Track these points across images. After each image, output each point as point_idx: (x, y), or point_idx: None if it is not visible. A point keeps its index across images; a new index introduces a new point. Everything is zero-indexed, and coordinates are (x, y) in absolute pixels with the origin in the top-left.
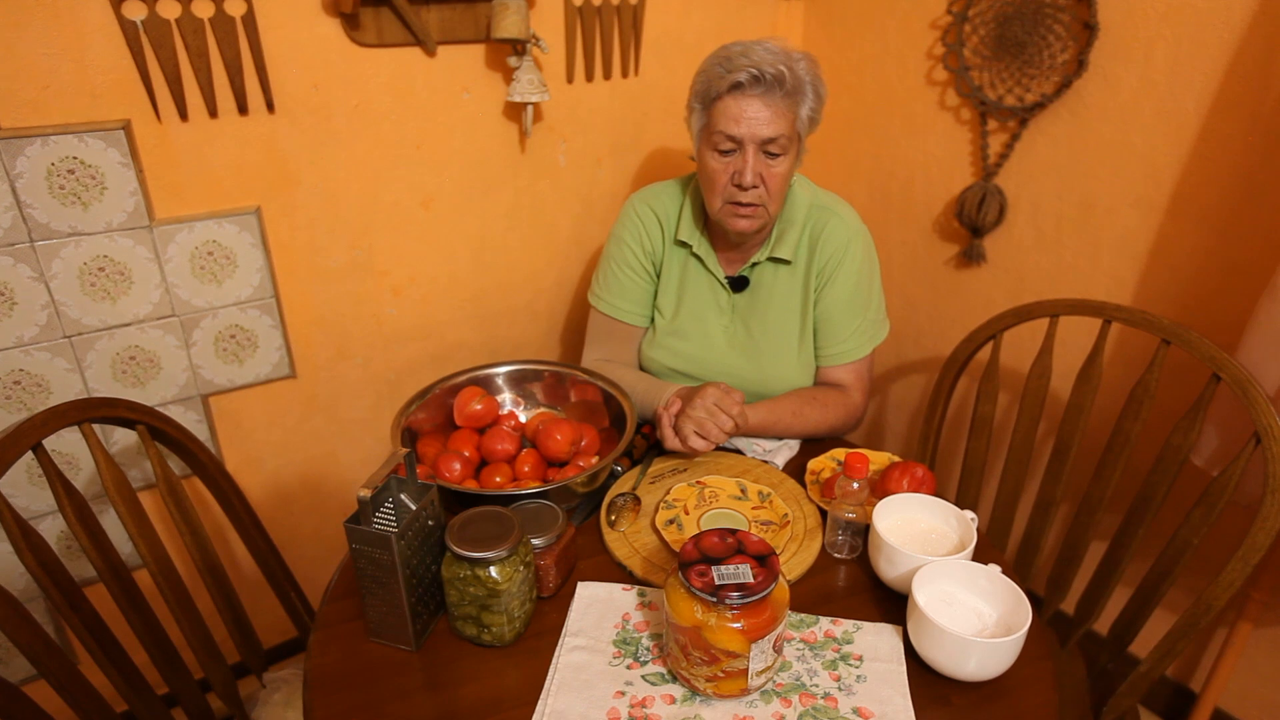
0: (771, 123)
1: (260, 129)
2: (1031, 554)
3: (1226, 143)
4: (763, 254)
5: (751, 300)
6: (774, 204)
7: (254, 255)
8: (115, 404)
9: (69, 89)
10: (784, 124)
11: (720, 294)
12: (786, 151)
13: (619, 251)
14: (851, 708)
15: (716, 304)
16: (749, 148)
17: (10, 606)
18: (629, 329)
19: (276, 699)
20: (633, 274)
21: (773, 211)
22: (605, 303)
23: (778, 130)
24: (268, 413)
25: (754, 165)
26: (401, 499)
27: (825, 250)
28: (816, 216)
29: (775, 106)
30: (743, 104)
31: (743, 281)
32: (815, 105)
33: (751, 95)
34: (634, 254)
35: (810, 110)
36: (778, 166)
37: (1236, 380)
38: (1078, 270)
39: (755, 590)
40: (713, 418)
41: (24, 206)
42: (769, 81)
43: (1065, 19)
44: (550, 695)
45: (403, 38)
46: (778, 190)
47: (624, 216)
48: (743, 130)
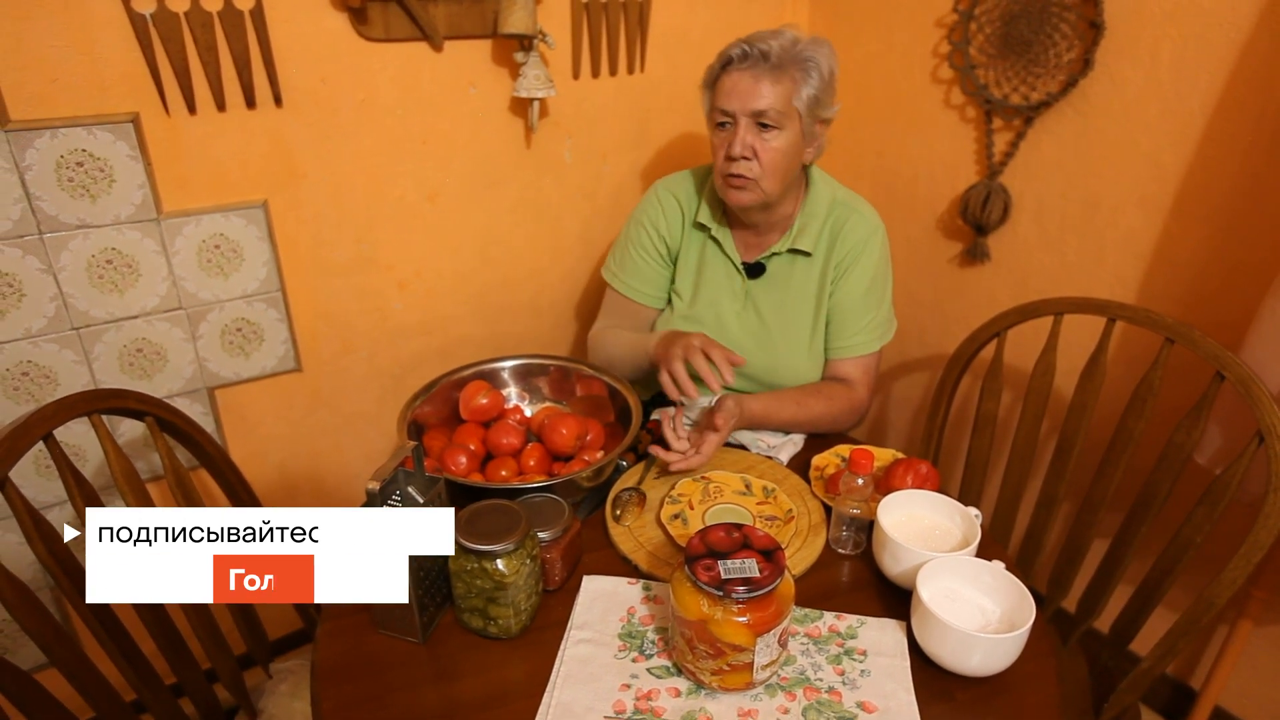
0: (761, 95)
1: (267, 122)
2: (1034, 552)
3: (1231, 143)
4: (784, 244)
5: (767, 288)
6: (769, 180)
7: (260, 249)
8: (125, 395)
9: (78, 82)
10: (775, 98)
11: (736, 279)
12: (782, 126)
13: (637, 234)
14: (855, 702)
15: (731, 289)
16: (741, 120)
17: (21, 594)
18: (639, 308)
19: (283, 690)
20: (647, 257)
21: (768, 189)
22: (620, 281)
23: (767, 103)
24: (273, 406)
25: (744, 137)
26: (409, 491)
27: (845, 244)
28: (838, 212)
29: (764, 80)
30: (734, 78)
31: (759, 268)
32: (819, 86)
33: (741, 69)
34: (650, 239)
35: (814, 90)
36: (772, 140)
37: (1240, 379)
38: (1082, 269)
39: (761, 585)
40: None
41: (33, 199)
42: (756, 56)
43: (1071, 18)
44: (556, 688)
45: (410, 32)
46: (772, 165)
47: (646, 200)
48: (734, 104)
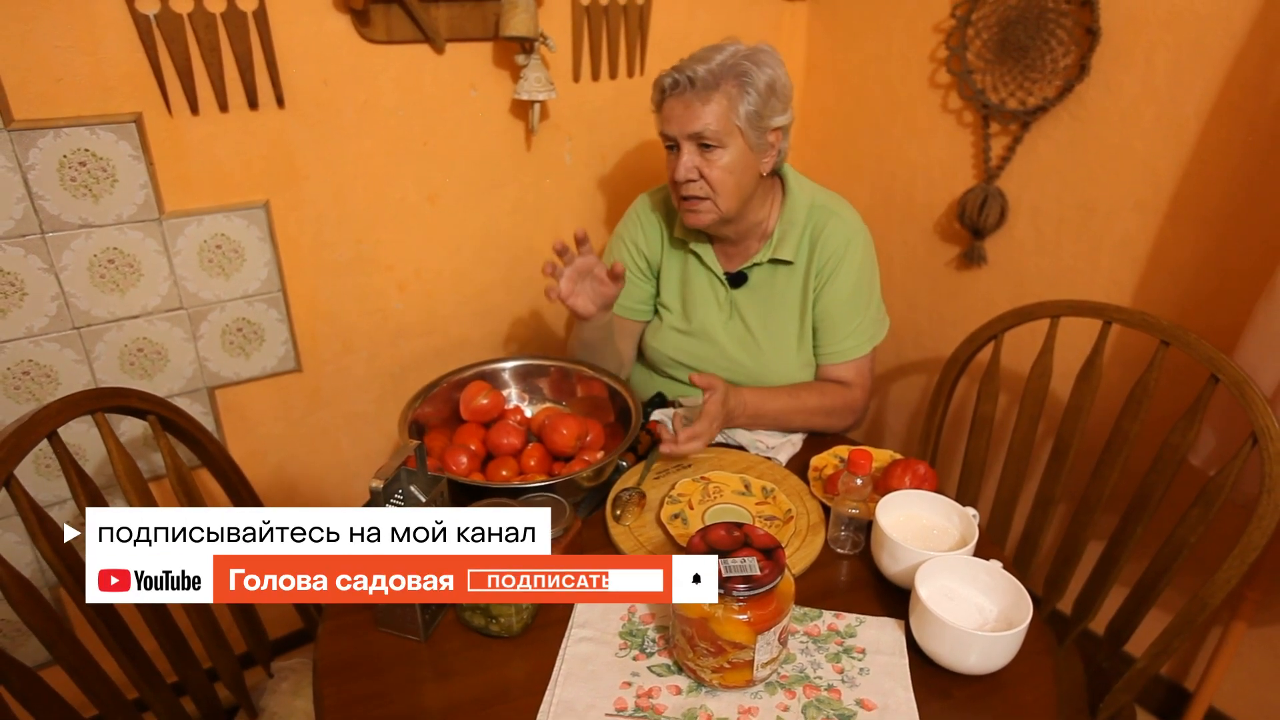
0: (696, 118)
1: (270, 123)
2: (1030, 553)
3: (1226, 148)
4: (764, 254)
5: (751, 297)
6: (723, 198)
7: (262, 249)
8: (127, 394)
9: (81, 82)
10: (711, 118)
11: (719, 290)
12: (724, 145)
13: (618, 249)
14: (854, 699)
15: (716, 299)
16: (683, 144)
17: (25, 591)
18: (625, 322)
19: (284, 688)
20: (630, 273)
21: (724, 206)
22: None
23: (702, 124)
24: (273, 406)
25: (686, 161)
26: (411, 490)
27: (825, 250)
28: (817, 217)
29: (694, 104)
30: (669, 104)
31: (741, 278)
32: (758, 100)
33: (673, 97)
34: (630, 254)
35: (752, 105)
36: (716, 159)
37: (1234, 381)
38: (1078, 272)
39: (762, 582)
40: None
41: (35, 198)
42: (684, 83)
43: (1068, 24)
44: (557, 686)
45: (412, 34)
46: (720, 183)
47: (627, 217)
48: (673, 128)
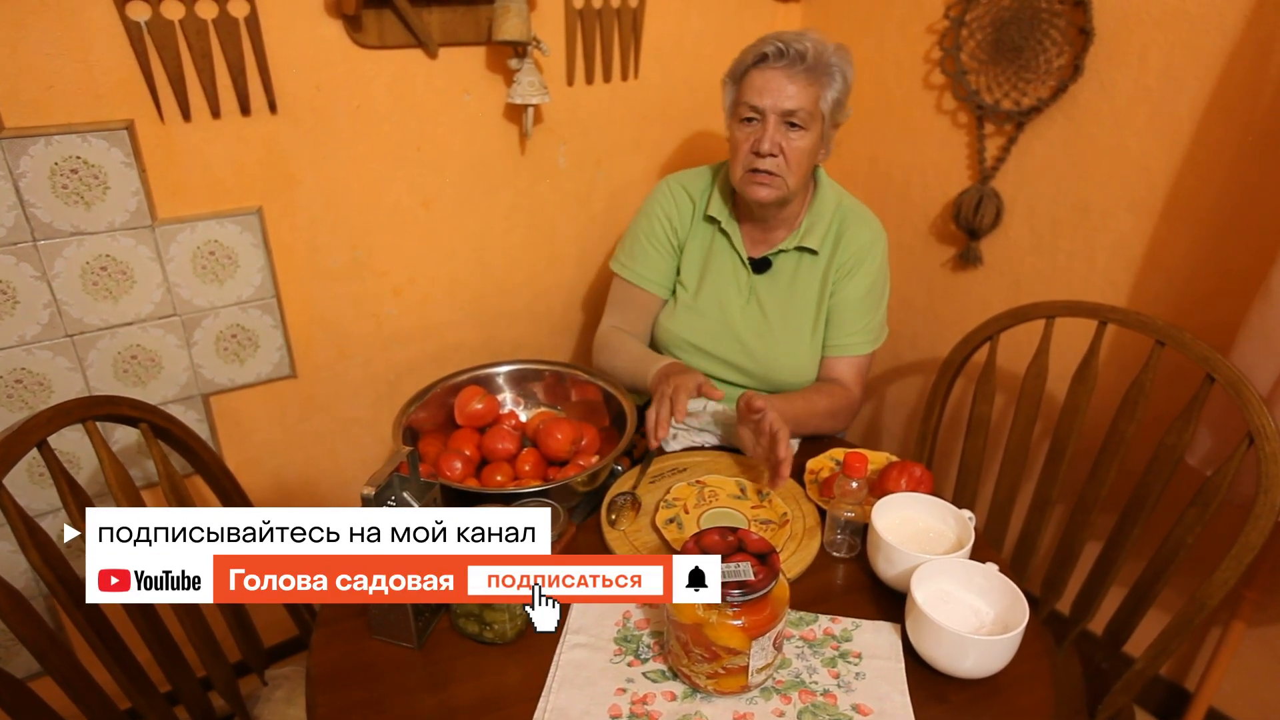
0: (793, 96)
1: (262, 129)
2: (1027, 554)
3: (1219, 148)
4: (791, 241)
5: (771, 283)
6: (793, 177)
7: (255, 255)
8: (119, 402)
9: (73, 89)
10: (806, 99)
11: (741, 273)
12: (808, 127)
13: (647, 224)
14: (850, 704)
15: (736, 282)
16: (770, 118)
17: (15, 602)
18: (647, 296)
19: (278, 696)
20: (657, 246)
21: (791, 185)
22: (628, 269)
23: (799, 104)
24: (268, 412)
25: (773, 134)
26: (404, 496)
27: (850, 246)
28: (844, 215)
29: (797, 81)
30: (766, 75)
31: (765, 264)
32: (842, 91)
33: (775, 68)
34: (661, 228)
35: (837, 95)
36: (798, 140)
37: (1230, 381)
38: (1073, 273)
39: (756, 588)
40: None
41: (27, 206)
42: (792, 56)
43: (1061, 24)
44: (552, 692)
45: (404, 39)
46: (797, 164)
47: (657, 192)
48: (765, 101)
